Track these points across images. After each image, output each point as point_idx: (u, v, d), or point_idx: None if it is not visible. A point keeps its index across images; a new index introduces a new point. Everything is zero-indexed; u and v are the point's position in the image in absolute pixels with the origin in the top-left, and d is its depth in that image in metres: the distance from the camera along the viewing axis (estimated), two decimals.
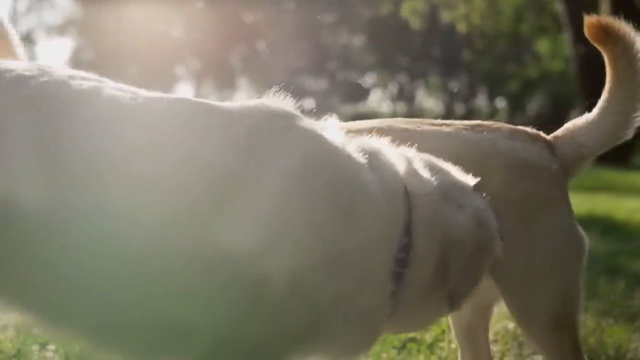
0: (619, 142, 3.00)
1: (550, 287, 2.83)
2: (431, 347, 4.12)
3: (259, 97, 2.35)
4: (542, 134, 3.00)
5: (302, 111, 2.37)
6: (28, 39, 45.56)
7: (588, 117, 2.97)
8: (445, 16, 26.64)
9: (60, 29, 46.48)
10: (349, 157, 2.26)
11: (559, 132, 2.99)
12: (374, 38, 41.12)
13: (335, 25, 42.62)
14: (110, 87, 2.22)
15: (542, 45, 33.97)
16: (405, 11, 26.06)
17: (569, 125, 2.99)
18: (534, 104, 41.61)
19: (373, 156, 2.33)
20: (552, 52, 34.26)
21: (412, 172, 2.36)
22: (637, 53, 2.91)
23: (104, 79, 2.27)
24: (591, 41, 2.98)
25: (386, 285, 2.28)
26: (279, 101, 2.33)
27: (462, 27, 26.59)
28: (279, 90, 2.34)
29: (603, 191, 14.11)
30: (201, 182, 2.11)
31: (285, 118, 2.28)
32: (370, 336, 2.38)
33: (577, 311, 2.86)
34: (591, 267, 6.27)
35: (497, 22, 28.95)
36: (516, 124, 3.06)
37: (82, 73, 2.26)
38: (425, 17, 27.96)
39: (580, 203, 11.73)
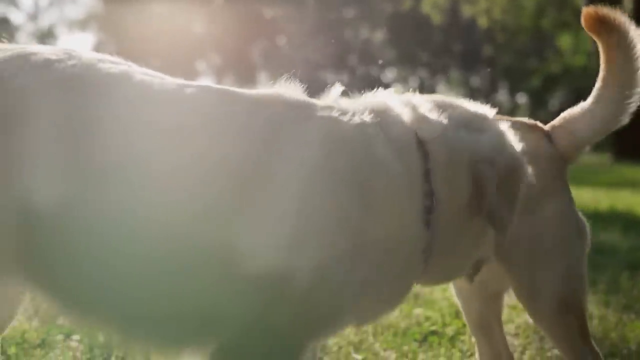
0: (615, 128, 3.03)
1: (555, 271, 2.87)
2: (452, 340, 4.12)
3: (273, 86, 2.37)
4: (539, 123, 3.05)
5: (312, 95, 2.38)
6: (50, 34, 45.83)
7: (583, 105, 3.02)
8: (466, 11, 26.54)
9: (82, 24, 46.72)
10: (361, 134, 2.26)
11: (556, 121, 3.04)
12: (395, 33, 41.00)
13: (356, 20, 42.54)
14: (140, 71, 2.22)
15: (564, 40, 33.78)
16: (426, 6, 25.98)
17: (565, 114, 3.05)
18: (556, 100, 41.41)
19: (381, 115, 2.33)
20: (574, 47, 34.06)
21: (420, 119, 2.36)
22: (631, 42, 2.95)
23: (132, 64, 2.26)
24: (587, 31, 3.04)
25: (418, 242, 2.29)
26: (292, 89, 2.33)
27: (483, 22, 26.46)
28: (290, 78, 2.35)
29: (625, 187, 14.04)
30: (225, 175, 2.11)
31: (299, 107, 2.27)
32: (398, 298, 2.40)
33: (583, 294, 2.91)
34: (613, 263, 6.27)
35: (519, 17, 28.78)
36: (538, 120, 3.09)
37: (111, 57, 2.25)
38: (446, 11, 27.86)
39: (602, 199, 11.69)
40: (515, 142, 2.47)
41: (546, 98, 40.94)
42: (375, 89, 2.49)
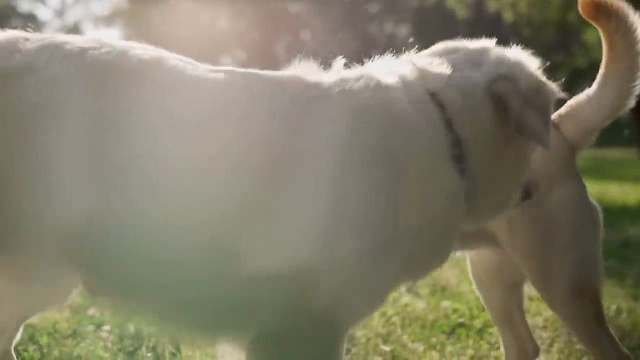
0: (621, 113, 3.03)
1: (567, 258, 2.88)
2: (480, 332, 4.12)
3: (289, 67, 2.36)
4: None
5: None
6: (76, 30, 46.05)
7: (588, 92, 3.04)
8: (492, 5, 26.35)
9: (108, 20, 46.94)
10: (380, 101, 2.24)
11: (562, 110, 3.06)
12: (420, 28, 40.86)
13: (381, 14, 42.45)
14: (172, 57, 2.22)
15: (591, 35, 33.45)
16: (451, 0, 25.84)
17: (571, 102, 3.07)
18: None
19: (388, 78, 2.32)
20: (601, 41, 33.73)
21: (424, 75, 2.35)
22: (631, 26, 2.96)
23: (164, 50, 2.25)
24: (586, 18, 3.07)
25: (457, 193, 2.28)
26: (307, 69, 2.32)
27: (508, 16, 26.28)
28: (305, 58, 2.35)
29: None
30: (260, 165, 2.10)
31: (316, 87, 2.25)
32: (446, 253, 2.38)
33: (597, 279, 2.91)
34: None
35: (545, 11, 28.53)
36: None
37: (143, 45, 2.24)
38: (471, 6, 27.70)
39: (630, 193, 11.61)
40: (531, 62, 2.47)
41: (573, 92, 40.55)
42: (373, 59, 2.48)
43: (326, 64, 2.39)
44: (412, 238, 2.20)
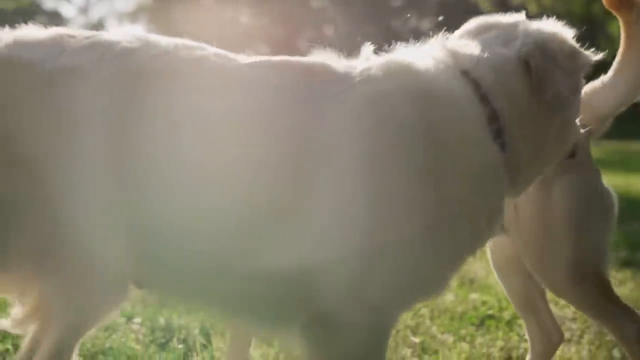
0: (634, 101, 3.04)
1: (569, 243, 2.87)
2: (509, 324, 4.12)
3: (310, 56, 2.35)
4: None
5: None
6: (100, 27, 46.34)
7: (603, 79, 3.04)
8: None
9: (132, 16, 47.16)
10: (414, 83, 2.24)
11: None
12: (443, 21, 40.76)
13: (404, 8, 42.35)
14: (212, 54, 2.22)
15: (615, 27, 33.25)
16: None
17: (585, 88, 3.06)
18: None
19: (421, 62, 2.32)
20: None
21: (454, 55, 2.36)
22: None
23: (206, 47, 2.25)
24: (608, 8, 3.07)
25: (497, 168, 2.28)
26: (330, 58, 2.32)
27: (532, 9, 26.14)
28: (326, 47, 2.35)
29: None
30: (302, 155, 2.12)
31: (346, 73, 2.25)
32: (495, 223, 2.38)
33: (601, 262, 2.90)
34: None
35: (569, 4, 28.35)
36: None
37: (186, 42, 2.25)
38: None
39: None
40: (565, 31, 2.47)
41: None
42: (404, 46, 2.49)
43: (350, 58, 2.39)
44: (459, 217, 2.20)
